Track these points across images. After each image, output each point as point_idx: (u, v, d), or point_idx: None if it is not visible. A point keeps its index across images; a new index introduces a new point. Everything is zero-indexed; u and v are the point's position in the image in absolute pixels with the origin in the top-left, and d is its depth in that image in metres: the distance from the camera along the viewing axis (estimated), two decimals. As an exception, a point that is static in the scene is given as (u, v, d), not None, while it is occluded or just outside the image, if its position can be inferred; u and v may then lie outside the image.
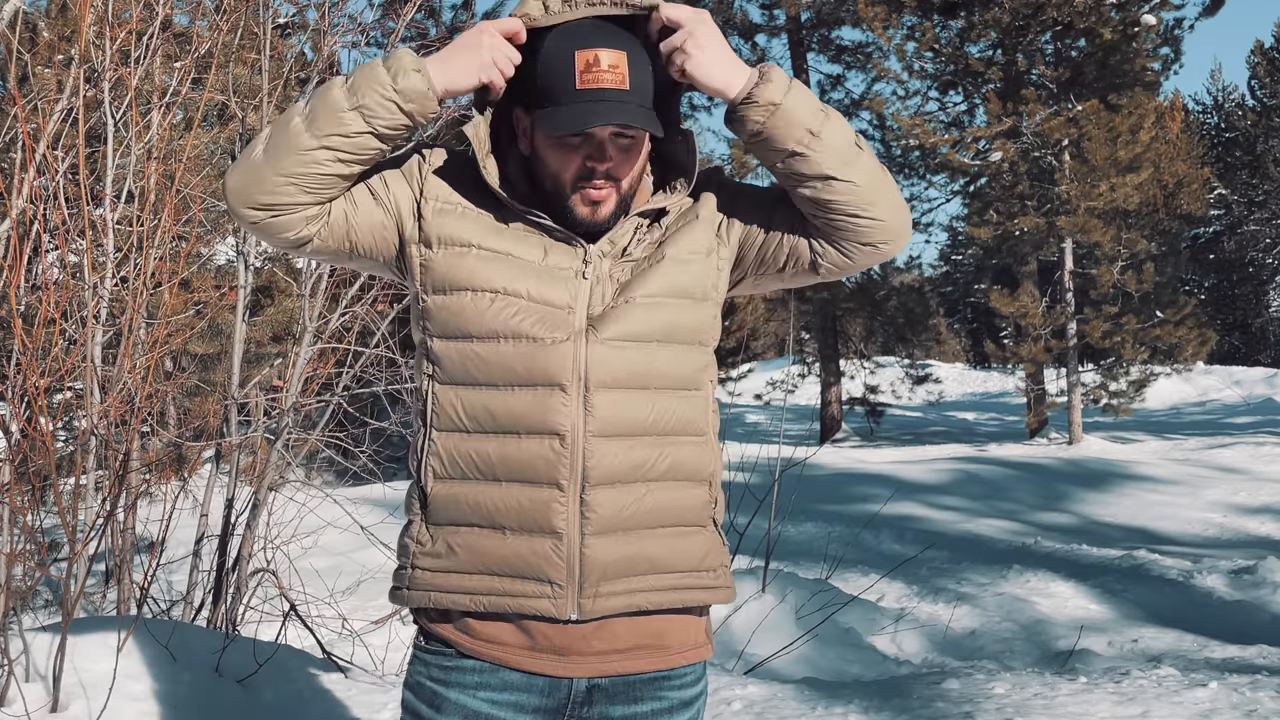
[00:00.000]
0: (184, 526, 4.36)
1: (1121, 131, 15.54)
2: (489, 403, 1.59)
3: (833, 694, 3.96)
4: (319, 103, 1.57)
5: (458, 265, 1.61)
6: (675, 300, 1.64)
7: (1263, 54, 35.43)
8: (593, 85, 1.53)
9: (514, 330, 1.58)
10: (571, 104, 1.54)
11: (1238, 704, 3.64)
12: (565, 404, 1.57)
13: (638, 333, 1.61)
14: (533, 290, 1.60)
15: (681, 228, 1.68)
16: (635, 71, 1.56)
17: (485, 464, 1.60)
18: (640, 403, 1.61)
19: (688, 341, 1.66)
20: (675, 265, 1.65)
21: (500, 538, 1.59)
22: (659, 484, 1.63)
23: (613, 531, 1.59)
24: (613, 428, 1.59)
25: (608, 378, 1.59)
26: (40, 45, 6.43)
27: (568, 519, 1.58)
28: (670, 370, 1.63)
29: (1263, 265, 35.13)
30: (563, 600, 1.59)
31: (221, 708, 3.18)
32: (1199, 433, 17.51)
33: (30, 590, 3.45)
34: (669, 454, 1.63)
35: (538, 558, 1.58)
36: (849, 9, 18.49)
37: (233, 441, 4.01)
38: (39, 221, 3.41)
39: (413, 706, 1.67)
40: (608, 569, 1.59)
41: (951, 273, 30.36)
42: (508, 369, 1.58)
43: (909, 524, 8.93)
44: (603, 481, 1.58)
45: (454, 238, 1.63)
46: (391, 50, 1.60)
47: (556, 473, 1.57)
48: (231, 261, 7.01)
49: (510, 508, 1.59)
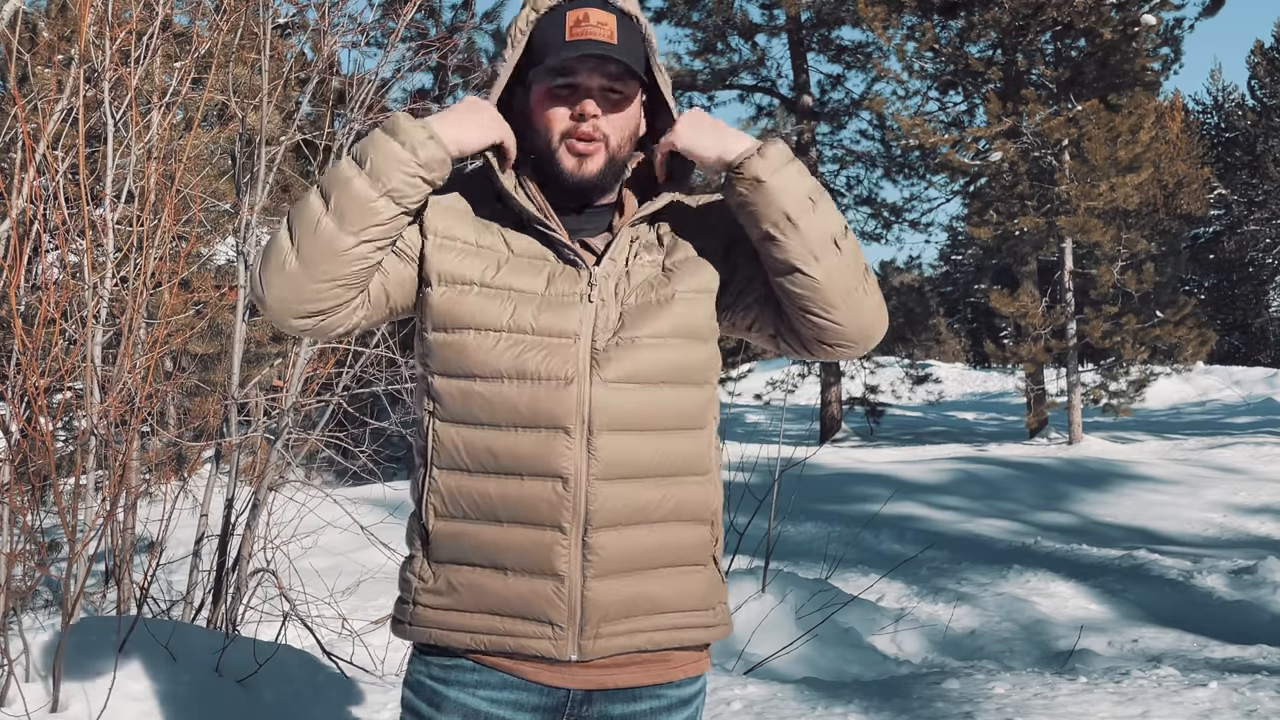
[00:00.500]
0: (184, 526, 4.36)
1: (1121, 131, 15.54)
2: (491, 443, 1.58)
3: (833, 694, 3.96)
4: (342, 197, 1.55)
5: (460, 303, 1.60)
6: (682, 340, 1.63)
7: (1263, 54, 35.43)
8: (581, 37, 1.57)
9: (518, 370, 1.57)
10: (560, 53, 1.58)
11: (1238, 704, 3.64)
12: (569, 446, 1.56)
13: (644, 374, 1.59)
14: (537, 322, 1.58)
15: (691, 260, 1.67)
16: (624, 32, 1.60)
17: (486, 504, 1.58)
18: (645, 445, 1.59)
19: (694, 382, 1.65)
20: (684, 305, 1.63)
21: (501, 578, 1.58)
22: (662, 525, 1.62)
23: (615, 574, 1.59)
24: (616, 470, 1.57)
25: (612, 420, 1.57)
26: (40, 45, 6.43)
27: (570, 561, 1.57)
28: (675, 410, 1.62)
29: (1263, 265, 35.13)
30: (563, 641, 1.58)
31: (221, 708, 3.18)
32: (1199, 433, 17.51)
33: (30, 590, 3.45)
34: (673, 495, 1.62)
35: (539, 599, 1.57)
36: (849, 9, 18.49)
37: (233, 441, 4.01)
38: (39, 221, 3.41)
39: (412, 705, 1.67)
40: (609, 610, 1.59)
41: (951, 273, 30.36)
42: (511, 409, 1.57)
43: (909, 524, 8.93)
44: (605, 524, 1.57)
45: (455, 275, 1.61)
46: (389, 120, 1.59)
47: (559, 515, 1.56)
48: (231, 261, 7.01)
49: (512, 549, 1.57)
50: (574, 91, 1.61)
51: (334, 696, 3.60)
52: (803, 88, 20.11)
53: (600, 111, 1.61)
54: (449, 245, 1.63)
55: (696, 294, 1.65)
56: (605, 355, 1.58)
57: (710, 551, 1.69)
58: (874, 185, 21.63)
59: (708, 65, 20.33)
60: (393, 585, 5.61)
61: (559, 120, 1.62)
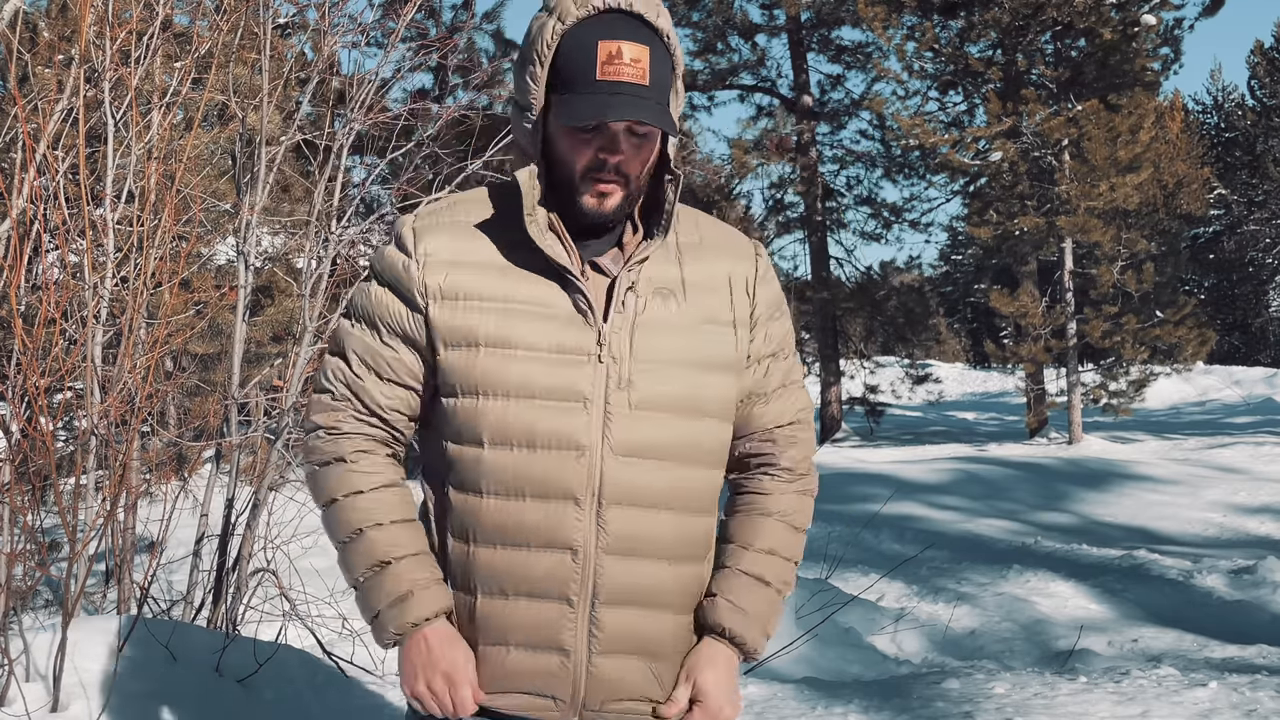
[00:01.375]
0: (184, 526, 4.36)
1: (1121, 131, 15.54)
2: (500, 514, 1.55)
3: (833, 694, 3.96)
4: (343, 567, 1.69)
5: (469, 367, 1.55)
6: (693, 417, 1.60)
7: (1263, 54, 35.43)
8: (613, 78, 1.50)
9: (526, 439, 1.53)
10: (590, 94, 1.50)
11: (1238, 704, 3.65)
12: (579, 518, 1.53)
13: (655, 449, 1.57)
14: (547, 383, 1.54)
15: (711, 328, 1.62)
16: (656, 68, 1.53)
17: (494, 577, 1.56)
18: (653, 520, 1.57)
19: (707, 464, 1.63)
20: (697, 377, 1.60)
21: (505, 652, 1.57)
22: (667, 608, 1.61)
23: (620, 653, 1.57)
24: (626, 544, 1.55)
25: (622, 494, 1.55)
26: (40, 45, 6.43)
27: (576, 636, 1.55)
28: (686, 490, 1.60)
29: (1263, 265, 35.13)
30: (565, 712, 1.59)
31: (221, 708, 3.18)
32: (1199, 433, 17.51)
33: (30, 590, 3.45)
34: (679, 574, 1.61)
35: (544, 674, 1.56)
36: (849, 9, 18.49)
37: (233, 441, 4.01)
38: (39, 221, 3.41)
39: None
40: (614, 689, 1.58)
41: (951, 273, 30.37)
42: (519, 480, 1.54)
43: (909, 524, 8.94)
44: (611, 601, 1.55)
45: (461, 336, 1.56)
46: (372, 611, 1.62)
47: (567, 588, 1.54)
48: (231, 261, 7.01)
49: (518, 623, 1.56)
50: (599, 131, 1.54)
51: (334, 696, 3.60)
52: (803, 88, 20.11)
53: (625, 153, 1.55)
54: (451, 304, 1.57)
55: (713, 373, 1.62)
56: (614, 424, 1.55)
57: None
58: (874, 185, 21.62)
59: (708, 65, 20.33)
60: (393, 585, 5.61)
61: (582, 157, 1.54)
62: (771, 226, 20.83)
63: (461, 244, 1.60)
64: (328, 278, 4.23)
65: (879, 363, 21.79)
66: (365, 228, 4.62)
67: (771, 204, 20.83)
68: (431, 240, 1.60)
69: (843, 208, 20.99)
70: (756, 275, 1.68)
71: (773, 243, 20.91)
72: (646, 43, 1.52)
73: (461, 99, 7.65)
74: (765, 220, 20.82)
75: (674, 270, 1.63)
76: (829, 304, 19.58)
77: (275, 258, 7.38)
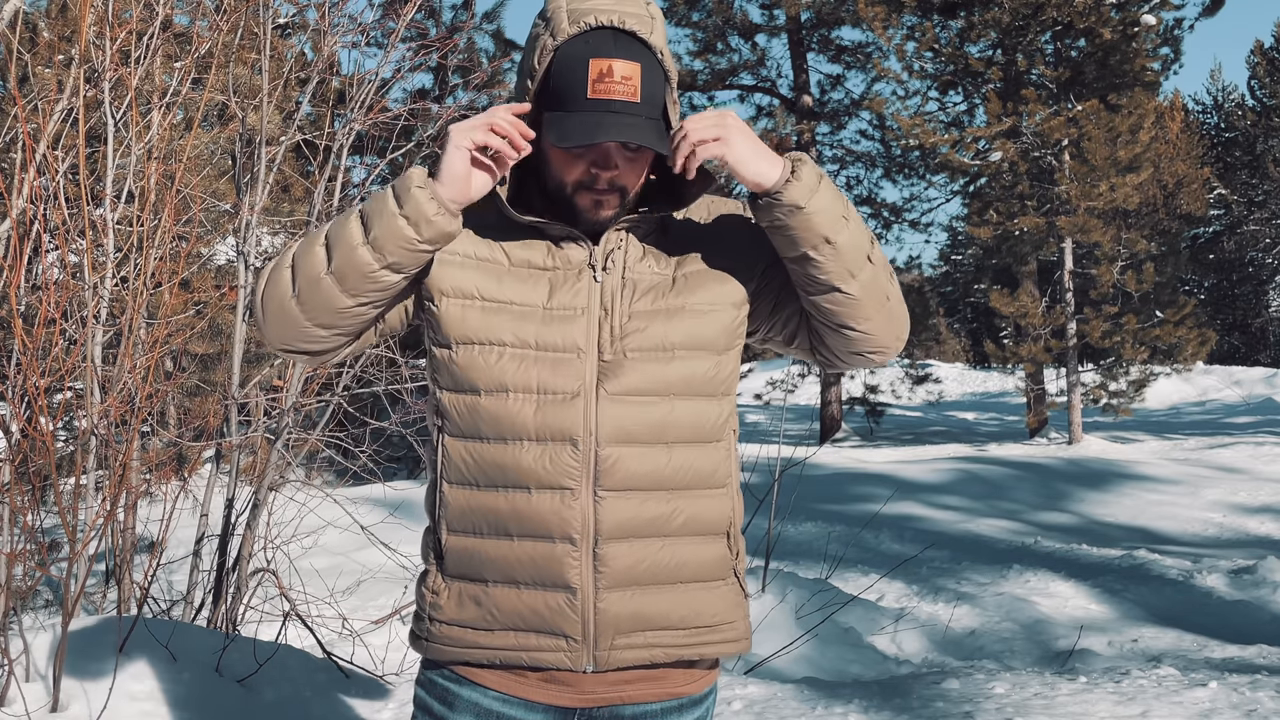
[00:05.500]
0: (184, 526, 4.36)
1: (1121, 131, 15.54)
2: (498, 457, 1.57)
3: (833, 694, 3.96)
4: (346, 264, 1.55)
5: (463, 319, 1.59)
6: (695, 352, 1.61)
7: (1263, 54, 35.44)
8: (604, 95, 1.50)
9: (523, 384, 1.56)
10: (581, 113, 1.51)
11: (1238, 704, 3.64)
12: (574, 458, 1.55)
13: (653, 387, 1.58)
14: (540, 337, 1.57)
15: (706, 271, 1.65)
16: (648, 84, 1.53)
17: (497, 520, 1.58)
18: (654, 457, 1.58)
19: (708, 393, 1.63)
20: (695, 317, 1.61)
21: (516, 592, 1.59)
22: (675, 539, 1.61)
23: (627, 586, 1.58)
24: (623, 483, 1.57)
25: (620, 432, 1.56)
26: (40, 45, 6.43)
27: (581, 573, 1.56)
28: (688, 423, 1.61)
29: (1263, 265, 35.14)
30: (578, 653, 1.58)
31: (221, 708, 3.18)
32: (1199, 433, 17.51)
33: (30, 590, 3.45)
34: (684, 509, 1.61)
35: (552, 612, 1.57)
36: (849, 9, 18.49)
37: (233, 441, 4.01)
38: (39, 221, 3.41)
39: (425, 703, 1.68)
40: (622, 623, 1.58)
41: (951, 273, 30.34)
42: (517, 423, 1.56)
43: (909, 524, 8.93)
44: (615, 536, 1.57)
45: (457, 289, 1.61)
46: (403, 184, 1.55)
47: (568, 527, 1.56)
48: (231, 261, 7.01)
49: (524, 563, 1.57)
50: (591, 147, 1.55)
51: (334, 696, 3.60)
52: (803, 88, 20.11)
53: (619, 168, 1.57)
54: (448, 260, 1.62)
55: (711, 306, 1.63)
56: (611, 369, 1.57)
57: (730, 565, 1.67)
58: (874, 185, 21.65)
59: (708, 65, 20.33)
60: (393, 585, 5.62)
61: (574, 171, 1.58)
62: (771, 226, 20.80)
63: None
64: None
65: (879, 363, 21.75)
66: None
67: (772, 204, 20.79)
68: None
69: (843, 208, 20.94)
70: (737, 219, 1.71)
71: (773, 243, 20.87)
72: (638, 59, 1.52)
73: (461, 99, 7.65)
74: (765, 220, 20.79)
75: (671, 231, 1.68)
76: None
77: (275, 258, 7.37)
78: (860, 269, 1.59)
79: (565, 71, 1.53)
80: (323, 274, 1.57)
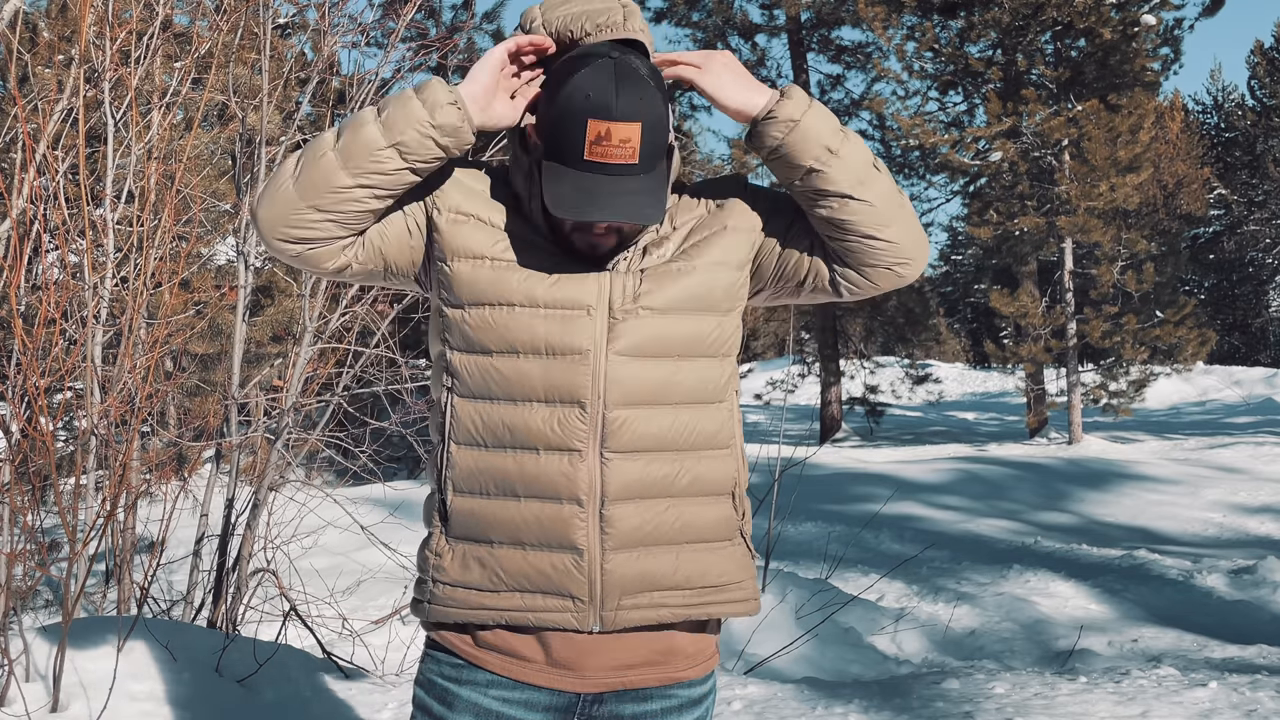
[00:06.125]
0: (184, 526, 4.36)
1: (1121, 131, 15.54)
2: (507, 418, 1.58)
3: (833, 694, 3.96)
4: (352, 139, 1.55)
5: (475, 278, 1.60)
6: (699, 313, 1.63)
7: (1263, 54, 35.44)
8: (599, 159, 1.50)
9: (531, 345, 1.57)
10: (577, 171, 1.51)
11: (1238, 704, 3.64)
12: (582, 420, 1.56)
13: (658, 347, 1.60)
14: (551, 295, 1.58)
15: (708, 237, 1.66)
16: (648, 141, 1.52)
17: (504, 480, 1.59)
18: (660, 418, 1.59)
19: (711, 354, 1.64)
20: (702, 276, 1.63)
21: (521, 553, 1.59)
22: (681, 499, 1.62)
23: (633, 547, 1.59)
24: (630, 444, 1.58)
25: (627, 394, 1.57)
26: (40, 45, 6.43)
27: (588, 535, 1.57)
28: (692, 384, 1.62)
29: (1263, 265, 35.13)
30: (584, 614, 1.59)
31: (221, 708, 3.18)
32: (1199, 433, 17.51)
33: (30, 590, 3.45)
34: (690, 469, 1.62)
35: (559, 573, 1.58)
36: (849, 9, 18.49)
37: (233, 441, 4.01)
38: (39, 221, 3.41)
39: (424, 703, 1.68)
40: (628, 584, 1.59)
41: (951, 273, 30.37)
42: (526, 385, 1.57)
43: (909, 524, 8.93)
44: (621, 497, 1.57)
45: (470, 249, 1.61)
46: (423, 82, 1.58)
47: (576, 488, 1.56)
48: (231, 261, 7.00)
49: (530, 524, 1.58)
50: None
51: (334, 696, 3.60)
52: (803, 87, 20.08)
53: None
54: (462, 220, 1.63)
55: (715, 265, 1.65)
56: (618, 328, 1.58)
57: (736, 526, 1.68)
58: (874, 185, 21.60)
59: (708, 65, 20.30)
60: (393, 585, 5.62)
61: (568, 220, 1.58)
62: (771, 226, 20.82)
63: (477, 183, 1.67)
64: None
65: (879, 363, 21.80)
66: (365, 228, 4.61)
67: (772, 204, 20.81)
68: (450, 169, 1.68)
69: (843, 208, 20.95)
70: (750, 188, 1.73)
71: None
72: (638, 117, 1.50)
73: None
74: (765, 220, 20.80)
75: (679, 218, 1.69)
76: (829, 304, 19.59)
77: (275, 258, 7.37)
78: (869, 176, 1.62)
79: (564, 118, 1.52)
80: (328, 151, 1.56)
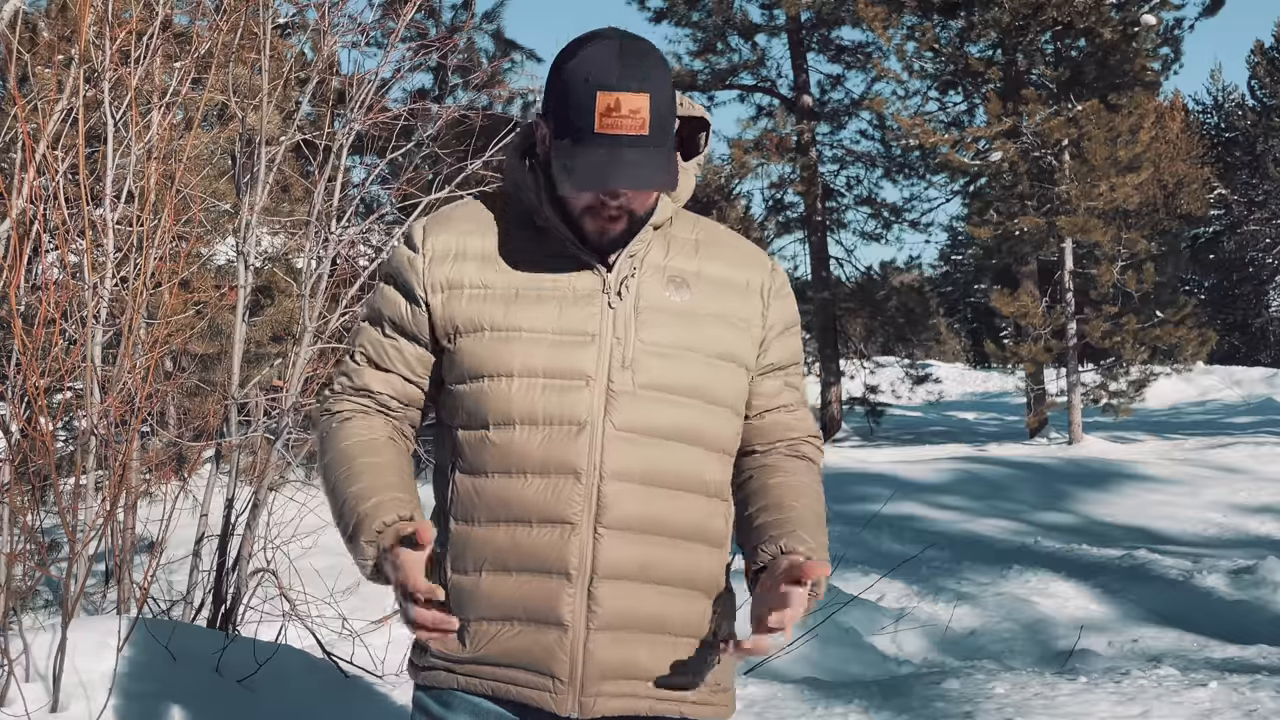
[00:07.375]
0: (184, 526, 4.36)
1: (1121, 131, 15.54)
2: (502, 492, 1.57)
3: (833, 694, 3.96)
4: (349, 543, 1.63)
5: (475, 353, 1.58)
6: (706, 405, 1.61)
7: (1263, 54, 35.43)
8: (611, 130, 1.48)
9: (529, 416, 1.55)
10: (588, 146, 1.50)
11: (1238, 704, 3.65)
12: (578, 493, 1.54)
13: (659, 428, 1.57)
14: (549, 363, 1.56)
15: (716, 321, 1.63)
16: (657, 111, 1.50)
17: (496, 555, 1.57)
18: (656, 500, 1.58)
19: (716, 449, 1.63)
20: (711, 370, 1.61)
21: (510, 629, 1.58)
22: (669, 589, 1.60)
23: (617, 629, 1.57)
24: (624, 521, 1.55)
25: (624, 470, 1.55)
26: (40, 45, 6.43)
27: (574, 610, 1.55)
28: (692, 472, 1.60)
29: (1263, 265, 35.13)
30: (563, 697, 1.57)
31: (221, 708, 3.18)
32: (1199, 433, 17.50)
33: (30, 590, 3.45)
34: (681, 559, 1.60)
35: (543, 650, 1.56)
36: (849, 9, 18.48)
37: (233, 441, 4.01)
38: (39, 221, 3.41)
39: (423, 704, 1.68)
40: (609, 668, 1.57)
41: (951, 273, 30.38)
42: (522, 458, 1.55)
43: (909, 524, 8.94)
44: (610, 575, 1.55)
45: (468, 323, 1.60)
46: (358, 526, 1.60)
47: (567, 562, 1.54)
48: (231, 261, 7.01)
49: (519, 598, 1.56)
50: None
51: (334, 696, 3.60)
52: (803, 88, 20.10)
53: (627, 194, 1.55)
54: (455, 295, 1.61)
55: (724, 363, 1.63)
56: (619, 400, 1.56)
57: (712, 628, 1.65)
58: (874, 185, 21.63)
59: (708, 65, 20.33)
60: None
61: (582, 198, 1.56)
62: (771, 226, 20.84)
63: (466, 238, 1.64)
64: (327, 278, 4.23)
65: (879, 363, 21.78)
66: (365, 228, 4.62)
67: (771, 204, 20.84)
68: (438, 236, 1.64)
69: (843, 208, 20.99)
70: (773, 286, 1.70)
71: (773, 243, 20.92)
72: (647, 89, 1.50)
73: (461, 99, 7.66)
74: (765, 220, 20.82)
75: (691, 264, 1.65)
76: (829, 304, 19.59)
77: (275, 258, 7.38)
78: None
79: (572, 95, 1.51)
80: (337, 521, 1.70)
